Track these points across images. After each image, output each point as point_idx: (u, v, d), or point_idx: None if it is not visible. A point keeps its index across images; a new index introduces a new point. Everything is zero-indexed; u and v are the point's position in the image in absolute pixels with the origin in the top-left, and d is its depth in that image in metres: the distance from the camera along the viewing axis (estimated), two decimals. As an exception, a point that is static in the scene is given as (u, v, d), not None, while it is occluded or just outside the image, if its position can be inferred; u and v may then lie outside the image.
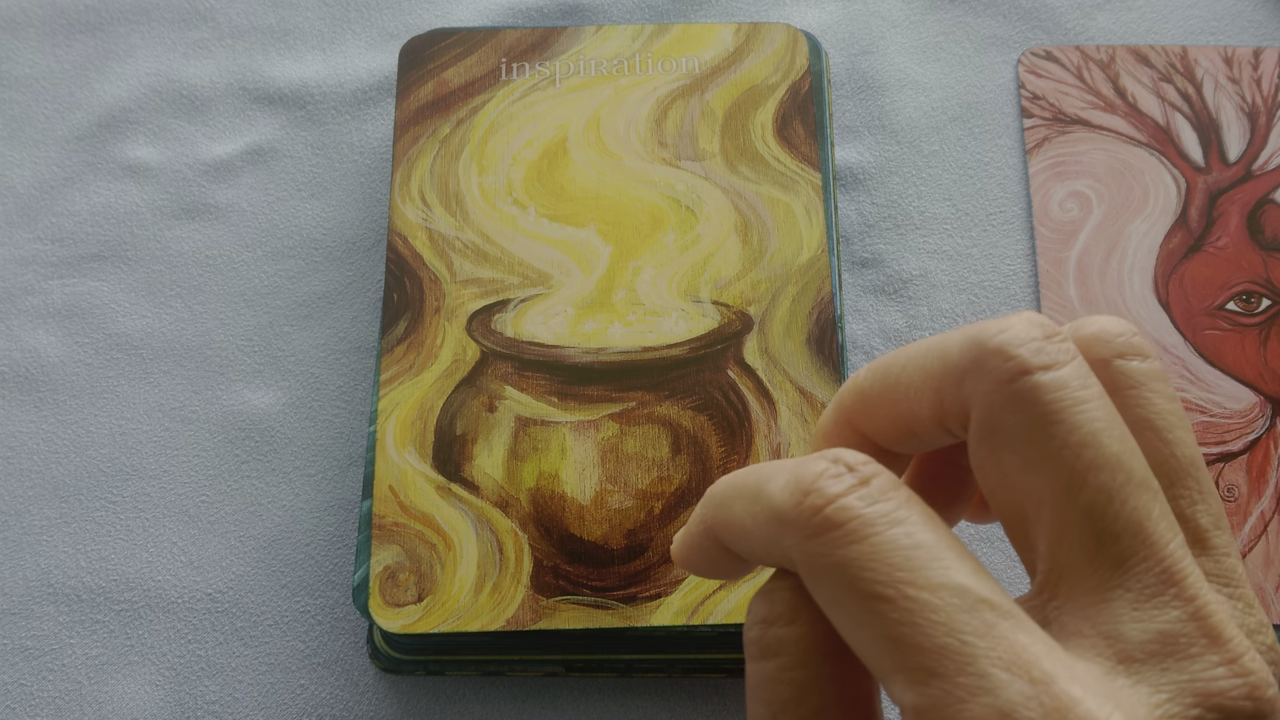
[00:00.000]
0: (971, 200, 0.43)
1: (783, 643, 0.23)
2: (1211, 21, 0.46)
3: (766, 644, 0.23)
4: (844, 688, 0.23)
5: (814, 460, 0.22)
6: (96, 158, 0.44)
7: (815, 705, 0.23)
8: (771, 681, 0.23)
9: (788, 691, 0.23)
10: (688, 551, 0.26)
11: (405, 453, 0.36)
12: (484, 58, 0.42)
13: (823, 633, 0.23)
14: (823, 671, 0.23)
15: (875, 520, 0.21)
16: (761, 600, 0.24)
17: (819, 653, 0.23)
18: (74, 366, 0.41)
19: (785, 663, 0.23)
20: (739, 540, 0.24)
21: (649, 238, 0.39)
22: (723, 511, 0.24)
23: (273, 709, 0.37)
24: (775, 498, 0.22)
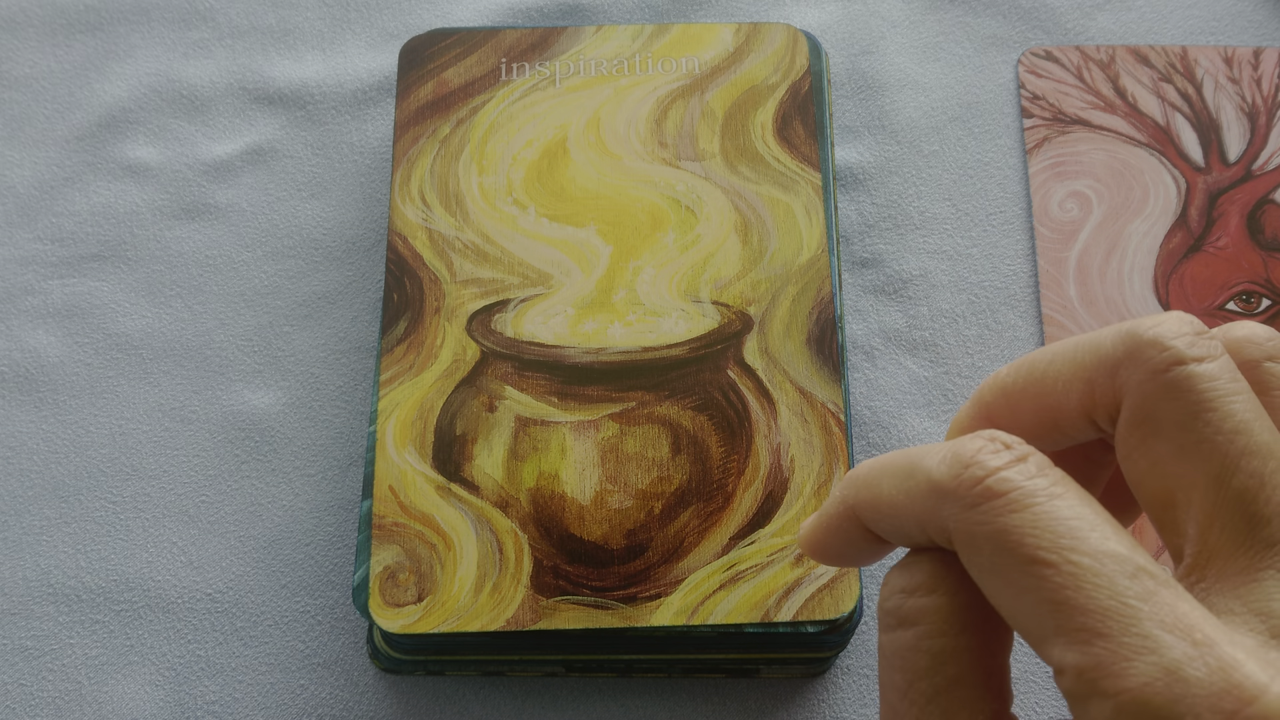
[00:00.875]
0: (971, 200, 0.43)
1: (922, 612, 0.24)
2: (1211, 21, 0.46)
3: (905, 613, 0.24)
4: (980, 659, 0.23)
5: (971, 438, 0.23)
6: (96, 158, 0.44)
7: (951, 674, 0.23)
8: (909, 650, 0.24)
9: (924, 660, 0.23)
10: (823, 535, 0.27)
11: (405, 453, 0.36)
12: (484, 58, 0.42)
13: (963, 603, 0.24)
14: (960, 642, 0.23)
15: (1035, 492, 0.22)
16: (900, 572, 0.24)
17: (958, 623, 0.23)
18: (74, 366, 0.41)
19: (923, 631, 0.23)
20: (885, 518, 0.25)
21: (649, 238, 0.39)
22: (868, 490, 0.25)
23: (273, 709, 0.37)
24: (933, 471, 0.23)
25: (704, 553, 0.35)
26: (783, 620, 0.34)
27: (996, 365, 0.41)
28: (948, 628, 0.23)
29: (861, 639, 0.37)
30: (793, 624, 0.34)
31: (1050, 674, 0.37)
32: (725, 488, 0.36)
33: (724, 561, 0.35)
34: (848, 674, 0.37)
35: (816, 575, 0.34)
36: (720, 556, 0.35)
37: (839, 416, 0.36)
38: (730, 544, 0.35)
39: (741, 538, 0.35)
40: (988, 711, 0.23)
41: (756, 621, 0.34)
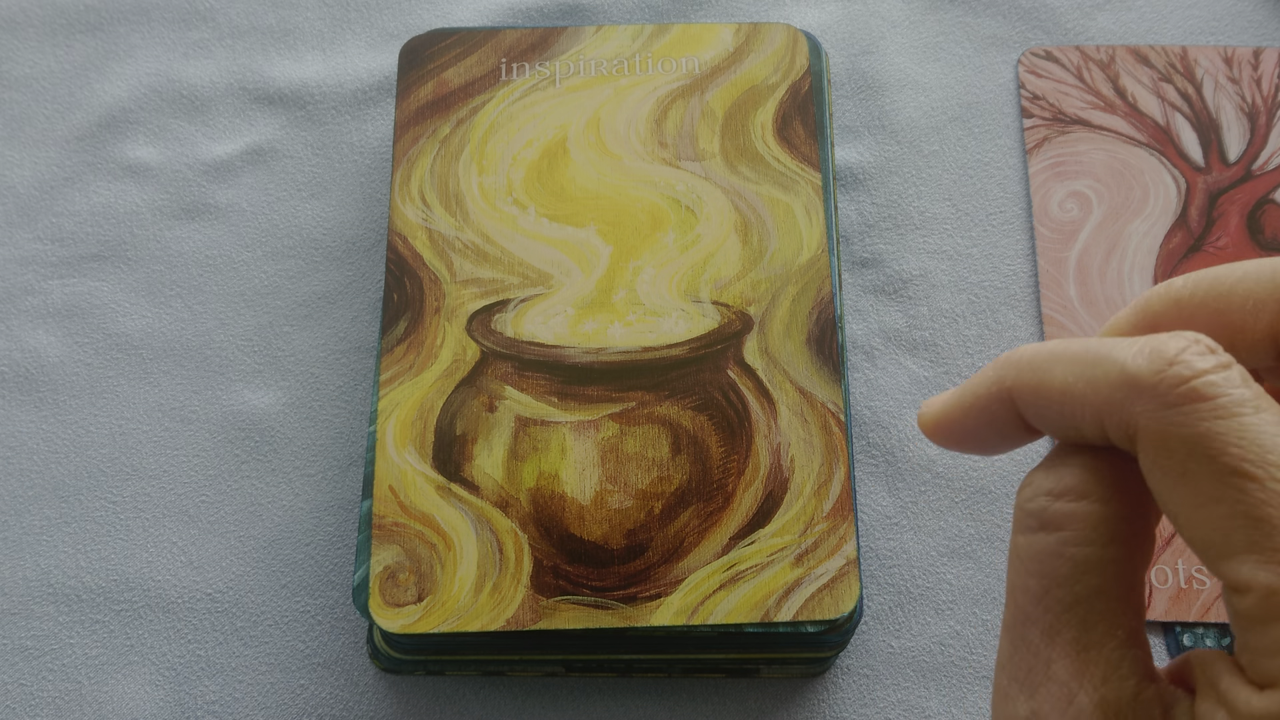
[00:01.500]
0: (971, 200, 0.43)
1: (1070, 517, 0.23)
2: (1211, 21, 0.46)
3: (1050, 516, 0.23)
4: (1123, 572, 0.23)
5: (1173, 336, 0.22)
6: (96, 158, 0.44)
7: (1093, 585, 0.22)
8: (1051, 555, 0.23)
9: (1066, 568, 0.22)
10: (959, 414, 0.25)
11: (405, 453, 0.36)
12: (484, 58, 0.42)
13: (1113, 513, 0.23)
14: (1107, 553, 0.23)
15: (1243, 401, 0.21)
16: (1047, 473, 0.23)
17: (1106, 533, 0.23)
18: (74, 366, 0.41)
19: (1069, 538, 0.23)
20: (1052, 406, 0.23)
21: (649, 238, 0.39)
22: (1035, 374, 0.24)
23: (273, 709, 0.37)
24: (1129, 363, 0.22)
25: (704, 553, 0.35)
26: (783, 620, 0.34)
27: (996, 365, 0.41)
28: (1096, 536, 0.23)
29: (861, 639, 0.37)
30: (793, 624, 0.34)
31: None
32: (725, 488, 0.36)
33: (724, 561, 0.35)
34: (848, 674, 0.37)
35: (816, 575, 0.34)
36: (720, 556, 0.35)
37: (839, 416, 0.36)
38: (730, 544, 0.35)
39: (741, 538, 0.35)
40: (1126, 626, 0.22)
41: (756, 621, 0.34)
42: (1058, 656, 0.22)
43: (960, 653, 0.37)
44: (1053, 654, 0.22)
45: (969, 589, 0.38)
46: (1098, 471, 0.23)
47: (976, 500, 0.39)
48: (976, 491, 0.39)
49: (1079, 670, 0.22)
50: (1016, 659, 0.23)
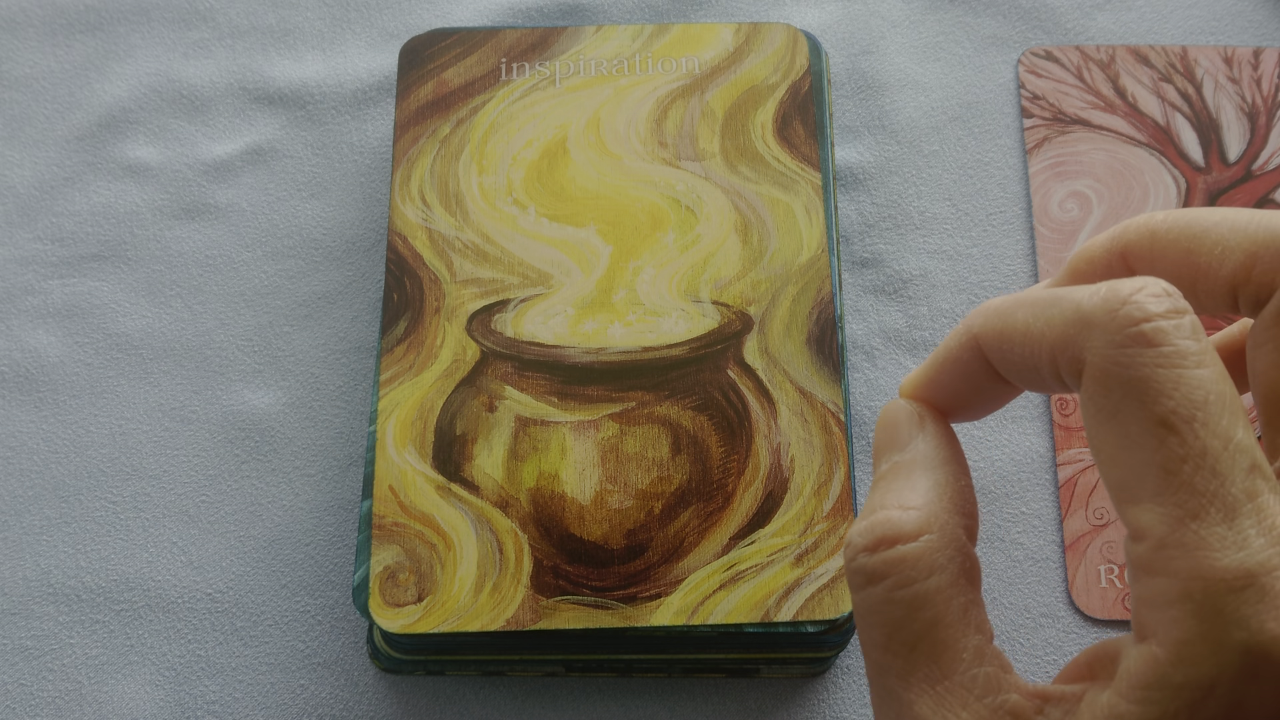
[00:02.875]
0: (971, 200, 0.43)
1: (887, 564, 0.24)
2: (1211, 21, 0.46)
3: (872, 569, 0.24)
4: (952, 596, 0.23)
5: (1130, 280, 0.22)
6: (96, 158, 0.44)
7: (928, 618, 0.23)
8: (882, 604, 0.24)
9: (899, 611, 0.23)
10: (935, 371, 0.26)
11: (405, 453, 0.36)
12: (484, 58, 0.42)
13: (925, 548, 0.24)
14: (930, 585, 0.23)
15: (1186, 353, 0.21)
16: (859, 532, 0.24)
17: (925, 568, 0.23)
18: (74, 366, 0.41)
19: (892, 583, 0.23)
20: (1014, 347, 0.24)
21: (649, 238, 0.39)
22: (1000, 319, 0.24)
23: (273, 709, 0.37)
24: (1084, 301, 0.23)
25: (704, 553, 0.35)
26: (783, 620, 0.34)
27: (996, 365, 0.41)
28: (915, 574, 0.23)
29: (861, 639, 0.37)
30: (793, 624, 0.34)
31: (1050, 674, 0.37)
32: (725, 488, 0.36)
33: (724, 561, 0.35)
34: (848, 674, 0.37)
35: (816, 575, 0.34)
36: (720, 556, 0.35)
37: (839, 416, 0.36)
38: (730, 544, 0.35)
39: (741, 538, 0.35)
40: (970, 647, 0.23)
41: (756, 621, 0.34)
42: (916, 697, 0.23)
43: (960, 653, 0.37)
44: (911, 696, 0.23)
45: (969, 589, 0.38)
46: (901, 517, 0.24)
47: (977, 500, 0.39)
48: (977, 491, 0.39)
49: (938, 704, 0.23)
50: (883, 710, 0.24)
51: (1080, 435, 0.39)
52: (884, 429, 0.27)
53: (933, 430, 0.26)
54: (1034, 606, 0.38)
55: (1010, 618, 0.37)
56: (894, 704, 0.23)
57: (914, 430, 0.26)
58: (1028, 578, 0.38)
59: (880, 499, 0.25)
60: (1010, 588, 0.38)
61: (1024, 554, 0.38)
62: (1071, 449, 0.39)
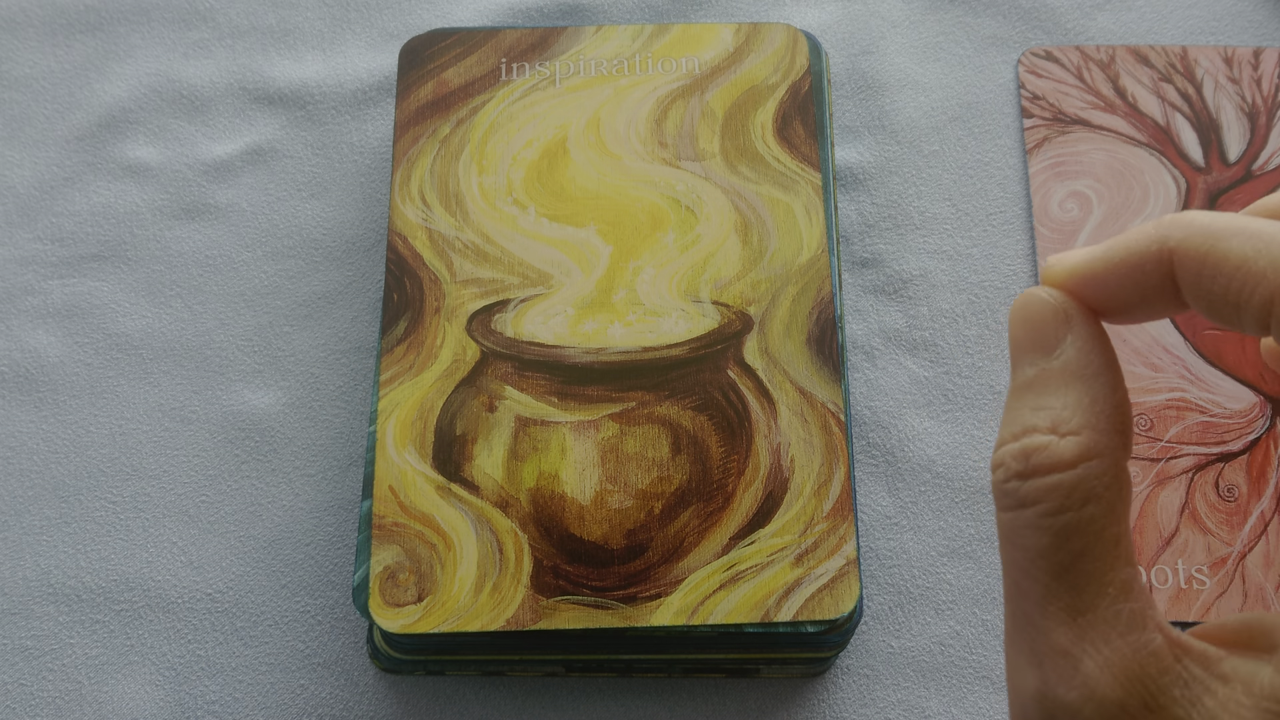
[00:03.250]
0: (971, 200, 0.43)
1: (1040, 491, 0.22)
2: (1211, 21, 0.46)
3: (1024, 494, 0.23)
4: (1103, 530, 0.22)
5: None
6: (96, 158, 0.44)
7: (1075, 550, 0.22)
8: (1030, 529, 0.22)
9: (1046, 539, 0.22)
10: (1104, 265, 0.24)
11: (405, 453, 0.36)
12: (484, 58, 0.42)
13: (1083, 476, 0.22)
14: (1083, 516, 0.22)
15: None
16: (1015, 455, 0.23)
17: (1079, 497, 0.22)
18: (74, 366, 0.41)
19: (1044, 509, 0.22)
20: (1221, 277, 0.22)
21: (649, 238, 0.39)
22: (1211, 240, 0.23)
23: (273, 709, 0.37)
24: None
25: (704, 553, 0.35)
26: (783, 620, 0.34)
27: (997, 365, 0.41)
28: (1069, 503, 0.22)
29: (861, 639, 0.37)
30: (793, 624, 0.34)
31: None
32: (725, 488, 0.36)
33: (724, 561, 0.35)
34: (848, 674, 0.37)
35: (816, 575, 0.34)
36: (720, 556, 0.35)
37: (839, 416, 0.36)
38: (730, 544, 0.35)
39: (741, 538, 0.35)
40: (1116, 582, 0.22)
41: (756, 621, 0.34)
42: (1054, 625, 0.22)
43: (960, 653, 0.37)
44: (1049, 624, 0.22)
45: (969, 589, 0.38)
46: (1058, 444, 0.23)
47: (976, 500, 0.39)
48: (976, 491, 0.39)
49: (1078, 636, 0.22)
50: (1017, 633, 0.23)
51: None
52: (1026, 325, 0.24)
53: (1084, 332, 0.24)
54: (1034, 606, 0.38)
55: (1010, 618, 0.37)
56: (1029, 630, 0.22)
57: (1061, 330, 0.24)
58: (1028, 578, 0.38)
59: (1033, 417, 0.23)
60: (1010, 588, 0.38)
61: (1024, 554, 0.38)
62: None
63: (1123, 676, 0.21)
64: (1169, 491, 0.38)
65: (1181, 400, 0.39)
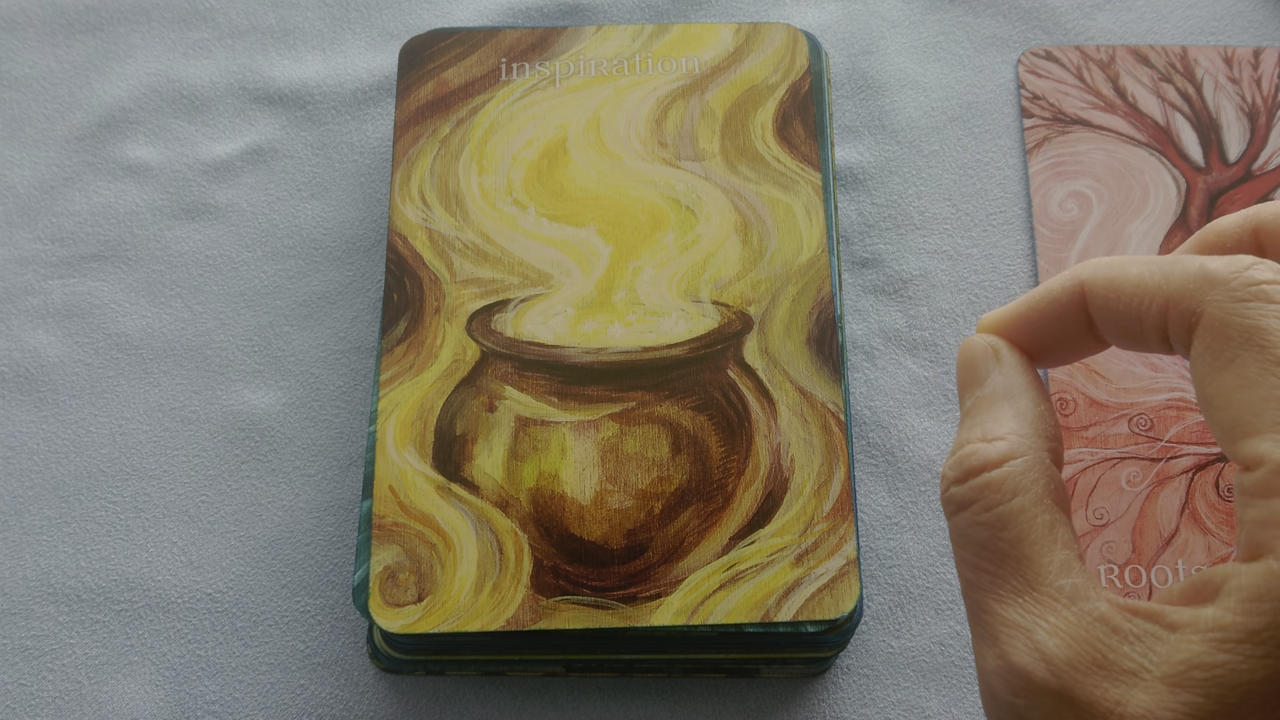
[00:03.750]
0: (971, 200, 0.43)
1: (973, 491, 0.25)
2: (1211, 21, 0.46)
3: (961, 498, 0.25)
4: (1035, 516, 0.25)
5: (1250, 256, 0.25)
6: (96, 158, 0.44)
7: (1011, 536, 0.25)
8: (970, 527, 0.25)
9: (984, 532, 0.25)
10: (1027, 309, 0.28)
11: (405, 453, 0.36)
12: (484, 58, 0.42)
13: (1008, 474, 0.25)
14: (1013, 506, 0.25)
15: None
16: (949, 467, 0.26)
17: (1008, 490, 0.25)
18: (74, 366, 0.41)
19: (978, 508, 0.25)
20: (1123, 298, 0.26)
21: (649, 238, 0.39)
22: (1114, 270, 0.26)
23: (273, 709, 0.37)
24: (1207, 264, 0.24)
25: (704, 553, 0.35)
26: (783, 620, 0.34)
27: (996, 365, 0.41)
28: (1000, 497, 0.25)
29: (861, 639, 0.37)
30: (793, 624, 0.34)
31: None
32: (725, 488, 0.36)
33: (724, 561, 0.35)
34: (848, 674, 0.37)
35: (816, 575, 0.34)
36: (720, 556, 0.35)
37: (839, 416, 0.36)
38: (730, 544, 0.35)
39: (741, 538, 0.35)
40: (1056, 561, 0.24)
41: (756, 621, 0.34)
42: (1006, 606, 0.24)
43: (960, 653, 0.37)
44: (1001, 606, 0.24)
45: (969, 589, 0.38)
46: (986, 447, 0.26)
47: (976, 500, 0.39)
48: (976, 491, 0.39)
49: (1027, 610, 0.24)
50: (977, 624, 0.25)
51: (1080, 436, 0.39)
52: (963, 367, 0.28)
53: (1009, 361, 0.27)
54: (1034, 606, 0.38)
55: (1010, 618, 0.37)
56: (985, 616, 0.25)
57: (991, 364, 0.27)
58: (1028, 578, 0.38)
59: (966, 434, 0.26)
60: (1010, 588, 0.38)
61: (1024, 554, 0.38)
62: (1072, 449, 0.39)
63: (1069, 639, 0.23)
64: (1169, 491, 0.38)
65: (1181, 400, 0.39)
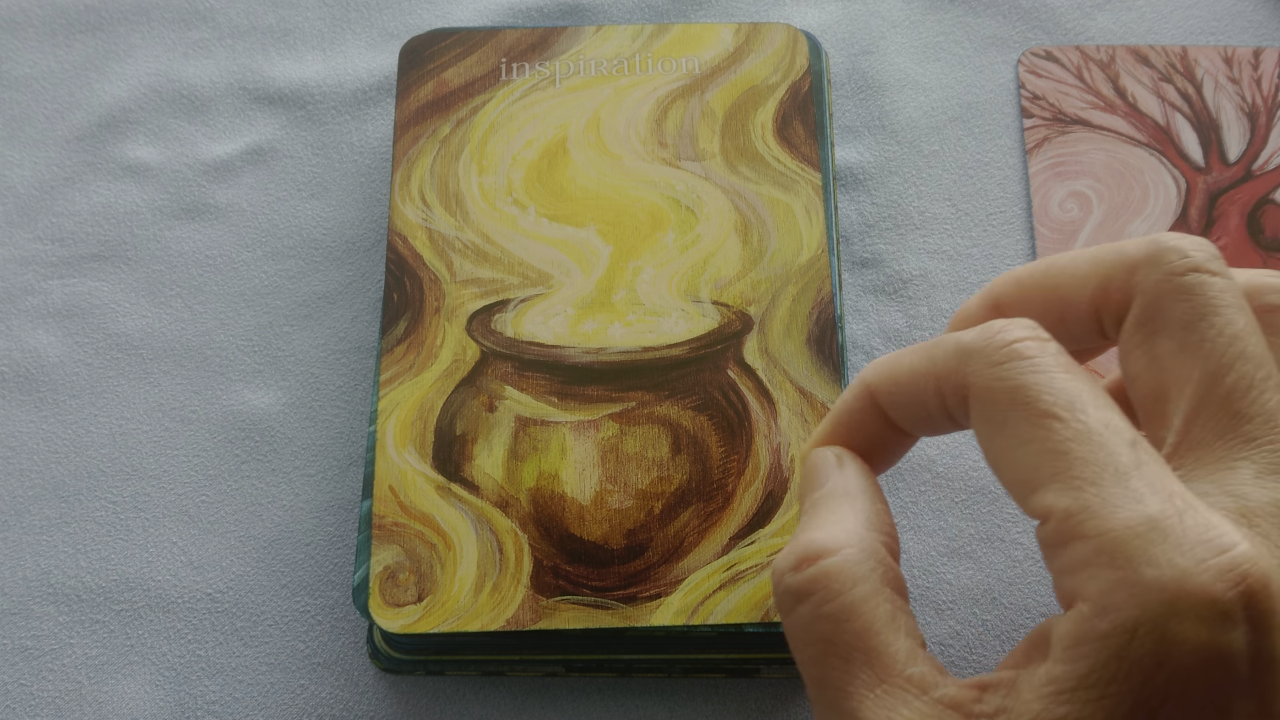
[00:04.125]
0: (971, 200, 0.43)
1: (811, 582, 0.25)
2: (1211, 21, 0.46)
3: (798, 588, 0.25)
4: (878, 603, 0.25)
5: (997, 320, 0.26)
6: (96, 158, 0.44)
7: (858, 627, 0.25)
8: (812, 620, 0.25)
9: (828, 625, 0.25)
10: (834, 425, 0.29)
11: (405, 453, 0.36)
12: (484, 58, 0.42)
13: (844, 561, 0.25)
14: (856, 594, 0.25)
15: (1056, 363, 0.25)
16: (782, 558, 0.26)
17: (848, 579, 0.25)
18: (74, 366, 0.41)
19: (818, 599, 0.25)
20: (902, 389, 0.27)
21: (649, 238, 0.39)
22: (889, 366, 0.27)
23: (273, 709, 0.37)
24: (962, 338, 0.26)
25: (704, 553, 0.35)
26: (783, 620, 0.34)
27: (996, 365, 0.41)
28: (840, 586, 0.25)
29: (861, 639, 0.37)
30: (793, 624, 0.34)
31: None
32: (725, 488, 0.36)
33: (724, 561, 0.35)
34: (848, 674, 0.37)
35: (816, 575, 0.34)
36: (720, 556, 0.35)
37: (839, 416, 0.36)
38: (730, 544, 0.35)
39: (741, 538, 0.35)
40: (903, 649, 0.24)
41: (756, 621, 0.34)
42: (858, 704, 0.24)
43: (960, 653, 0.37)
44: (853, 704, 0.24)
45: (969, 589, 0.38)
46: (821, 536, 0.26)
47: (976, 500, 0.39)
48: (976, 491, 0.39)
49: (879, 706, 0.24)
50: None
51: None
52: (805, 475, 0.29)
53: (850, 466, 0.28)
54: (1034, 606, 0.38)
55: (1010, 617, 0.37)
56: (838, 715, 0.25)
57: (831, 470, 0.28)
58: (1028, 578, 0.38)
59: (802, 531, 0.27)
60: (1010, 588, 0.38)
61: (1024, 554, 0.38)
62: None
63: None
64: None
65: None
